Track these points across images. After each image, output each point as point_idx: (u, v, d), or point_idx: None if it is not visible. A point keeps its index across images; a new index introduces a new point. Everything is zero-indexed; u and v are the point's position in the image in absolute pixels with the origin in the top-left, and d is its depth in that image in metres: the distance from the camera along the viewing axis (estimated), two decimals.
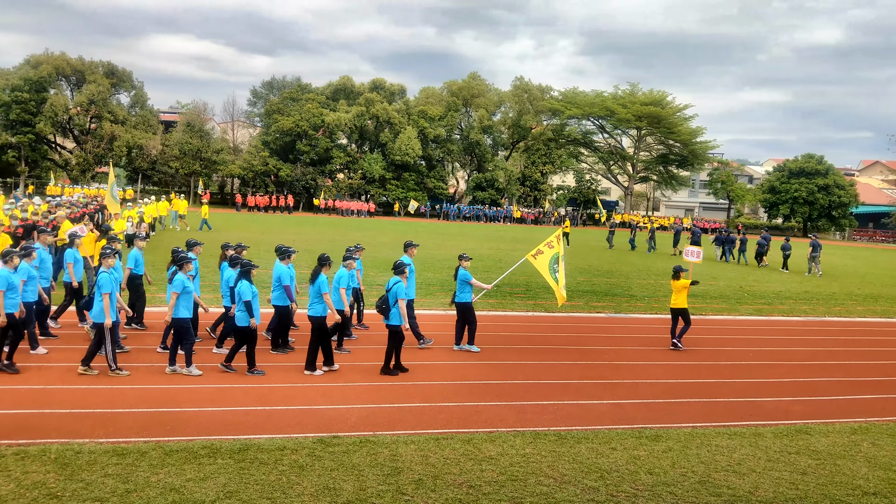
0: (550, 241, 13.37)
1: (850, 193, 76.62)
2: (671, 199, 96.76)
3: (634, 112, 71.88)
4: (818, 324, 17.60)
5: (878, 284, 27.68)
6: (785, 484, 7.15)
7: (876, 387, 11.53)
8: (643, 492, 6.74)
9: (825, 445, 8.38)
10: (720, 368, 12.20)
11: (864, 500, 6.89)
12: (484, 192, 75.04)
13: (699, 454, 7.83)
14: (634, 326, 15.82)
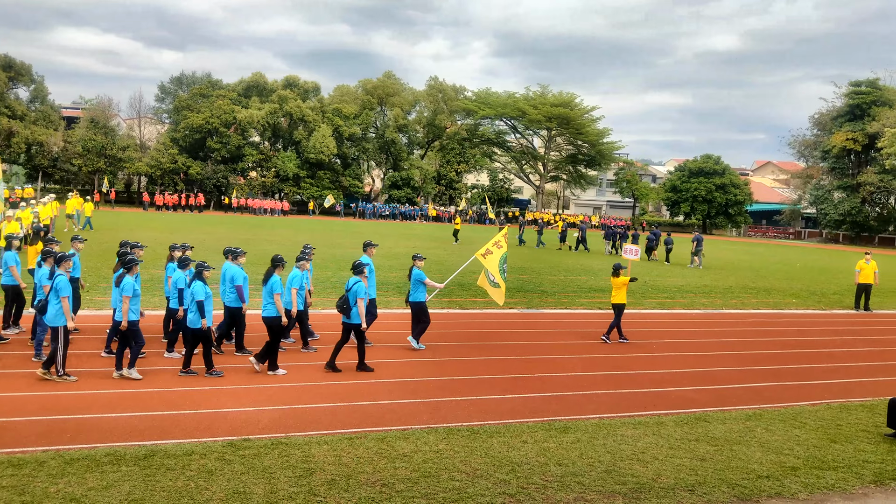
0: (498, 241, 13.65)
1: (744, 192, 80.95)
2: (580, 198, 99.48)
3: (545, 113, 73.54)
4: (716, 316, 18.51)
5: (770, 278, 29.35)
6: (685, 470, 7.48)
7: (769, 375, 12.21)
8: (552, 483, 6.92)
9: (723, 432, 8.82)
10: (626, 360, 12.65)
11: (758, 483, 7.28)
12: (400, 191, 75.02)
13: (606, 444, 8.10)
14: (546, 322, 16.19)
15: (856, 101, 75.74)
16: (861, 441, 8.77)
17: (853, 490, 7.25)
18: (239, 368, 10.56)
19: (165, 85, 76.48)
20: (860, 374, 12.71)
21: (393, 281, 20.24)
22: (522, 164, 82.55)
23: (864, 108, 74.44)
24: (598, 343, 13.99)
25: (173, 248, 11.86)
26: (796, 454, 8.15)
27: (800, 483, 7.33)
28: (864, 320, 19.53)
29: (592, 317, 17.19)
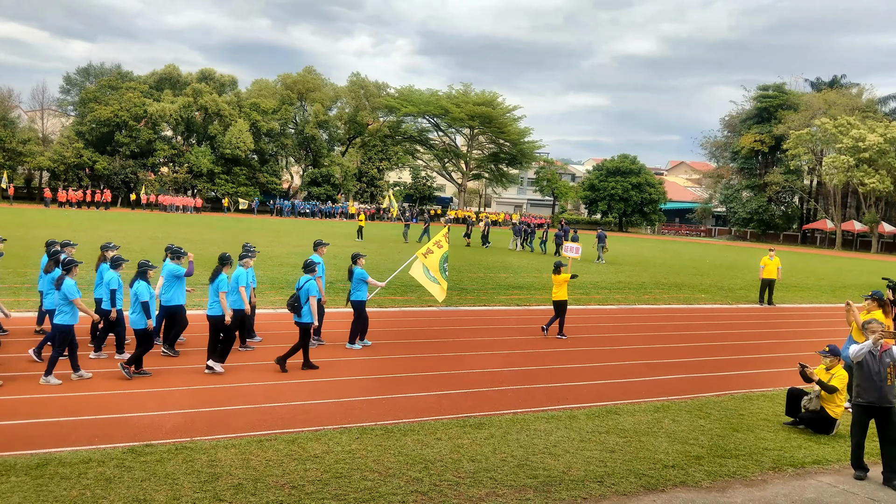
0: (439, 241, 13.77)
1: (659, 191, 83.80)
2: (502, 196, 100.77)
3: (467, 112, 74.04)
4: (630, 311, 19.03)
5: (682, 274, 30.46)
6: (595, 462, 7.60)
7: (676, 368, 12.62)
8: (465, 479, 6.91)
9: (632, 424, 9.03)
10: (541, 356, 12.81)
11: (664, 472, 7.47)
12: (320, 188, 74.05)
13: (519, 439, 8.16)
14: (465, 319, 16.24)
15: (763, 104, 79.54)
16: (761, 429, 9.16)
17: (753, 476, 7.54)
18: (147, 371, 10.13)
19: (72, 76, 73.04)
20: (763, 365, 13.31)
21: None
22: (445, 162, 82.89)
23: (771, 111, 78.26)
24: (515, 339, 14.14)
25: (106, 248, 11.49)
26: (701, 443, 8.42)
27: (703, 471, 7.56)
28: (768, 314, 20.51)
29: (510, 313, 17.38)
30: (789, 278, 29.60)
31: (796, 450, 8.44)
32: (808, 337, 16.29)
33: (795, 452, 8.35)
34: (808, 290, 27.55)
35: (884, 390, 7.61)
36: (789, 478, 7.59)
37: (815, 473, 7.77)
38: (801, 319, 19.96)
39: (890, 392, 7.63)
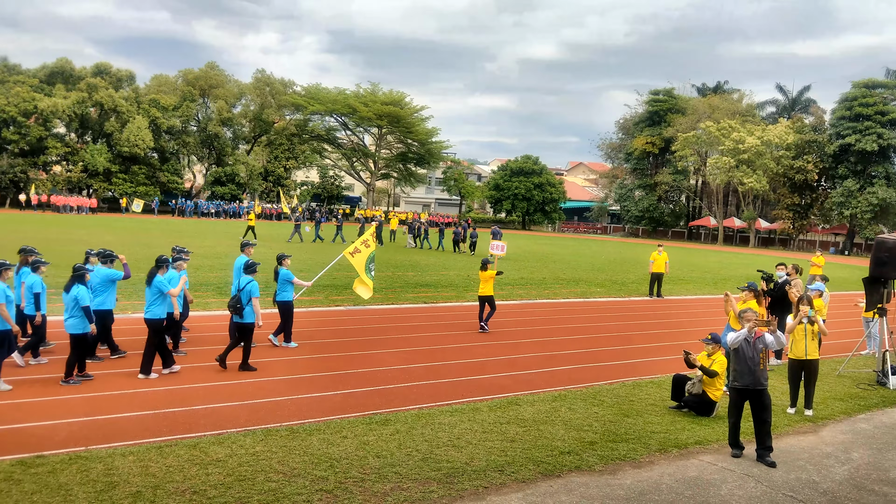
0: (366, 241, 13.97)
1: (559, 190, 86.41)
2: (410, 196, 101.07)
3: (375, 111, 73.88)
4: (531, 306, 19.66)
5: (580, 269, 31.64)
6: (496, 452, 7.92)
7: (573, 358, 13.20)
8: (370, 475, 7.07)
9: (531, 413, 9.43)
10: (445, 351, 13.11)
11: (561, 458, 7.87)
12: (224, 187, 72.07)
13: (424, 433, 8.38)
14: (372, 317, 16.34)
15: (654, 108, 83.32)
16: (649, 414, 9.76)
17: (641, 459, 8.05)
18: (35, 380, 9.71)
19: None
20: (651, 353, 14.10)
21: (213, 281, 19.49)
22: (353, 162, 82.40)
23: (662, 114, 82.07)
24: (421, 336, 14.37)
25: (26, 252, 11.11)
26: (594, 429, 8.91)
27: (597, 456, 8.02)
28: (656, 306, 21.65)
29: (418, 311, 17.61)
30: (676, 272, 31.32)
31: (680, 432, 9.06)
32: (692, 326, 17.32)
33: (679, 434, 8.96)
34: (693, 282, 29.26)
35: (757, 374, 8.29)
36: (674, 458, 8.15)
37: (697, 453, 8.37)
38: (687, 310, 21.19)
39: (762, 375, 8.32)
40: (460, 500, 6.65)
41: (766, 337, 8.45)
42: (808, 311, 10.18)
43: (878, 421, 10.27)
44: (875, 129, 63.93)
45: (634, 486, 7.25)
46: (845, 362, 13.56)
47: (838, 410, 10.61)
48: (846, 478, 7.86)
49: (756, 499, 7.11)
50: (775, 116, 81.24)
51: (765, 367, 8.35)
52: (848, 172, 66.77)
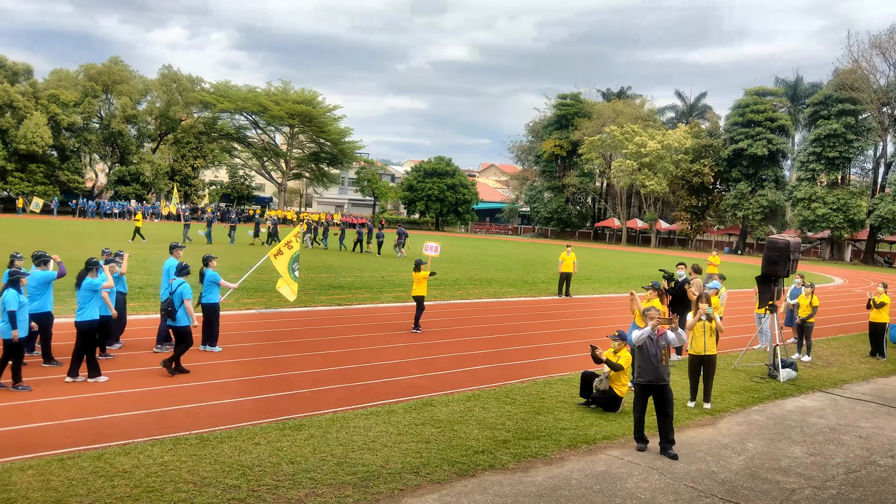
0: (290, 242, 13.82)
1: (472, 192, 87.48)
2: (323, 196, 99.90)
3: (287, 109, 72.66)
4: (445, 306, 19.84)
5: (492, 270, 32.15)
6: (412, 454, 7.97)
7: (486, 358, 13.41)
8: (284, 482, 6.98)
9: (446, 414, 9.53)
10: (360, 354, 13.05)
11: (475, 458, 7.99)
12: (128, 187, 69.09)
13: (338, 437, 8.33)
14: (284, 321, 16.08)
15: (562, 112, 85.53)
16: (560, 411, 10.05)
17: (552, 455, 8.29)
18: None
19: None
20: (561, 351, 14.50)
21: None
22: (264, 161, 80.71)
23: (569, 118, 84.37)
24: (335, 339, 14.26)
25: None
26: (507, 428, 9.10)
27: (510, 454, 8.19)
28: (565, 304, 22.29)
29: (331, 314, 17.45)
30: (584, 272, 32.30)
31: (589, 427, 9.38)
32: (599, 324, 17.90)
33: (588, 430, 9.27)
34: (600, 281, 30.27)
35: (659, 370, 8.67)
36: (583, 454, 8.43)
37: (605, 448, 8.69)
38: (594, 308, 21.91)
39: (664, 371, 8.71)
40: (376, 503, 6.67)
41: (668, 334, 8.85)
42: (706, 309, 10.73)
43: (771, 412, 10.95)
44: (765, 134, 67.90)
45: (546, 482, 7.46)
46: (740, 357, 14.36)
47: (734, 403, 11.24)
48: (742, 467, 8.35)
49: (660, 491, 7.44)
50: (674, 121, 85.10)
51: (667, 363, 8.75)
52: (741, 176, 70.63)
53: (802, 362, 14.69)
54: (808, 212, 63.67)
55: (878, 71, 64.51)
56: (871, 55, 63.83)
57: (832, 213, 62.53)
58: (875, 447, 9.43)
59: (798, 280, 15.99)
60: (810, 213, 63.53)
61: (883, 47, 63.09)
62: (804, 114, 69.48)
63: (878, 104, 63.46)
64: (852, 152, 64.06)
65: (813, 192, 64.02)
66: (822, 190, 64.21)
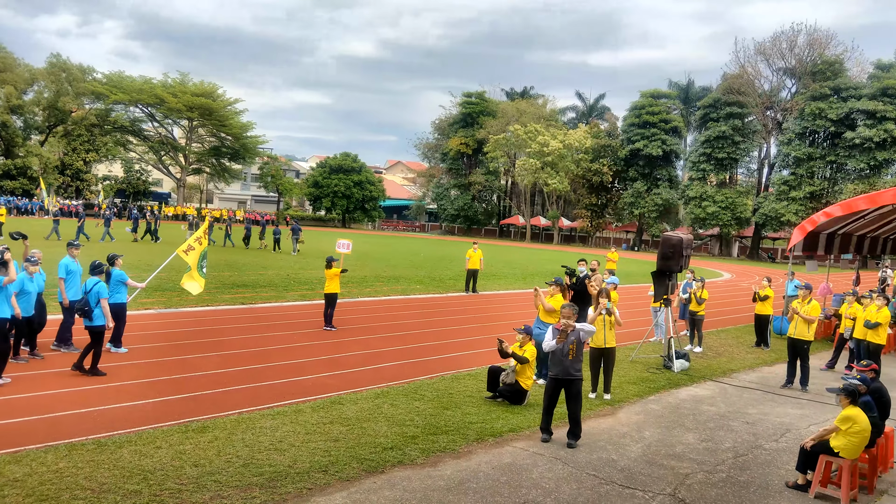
0: (199, 238, 13.58)
1: (379, 189, 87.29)
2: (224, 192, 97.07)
3: (185, 102, 70.12)
4: (353, 304, 19.71)
5: (399, 267, 32.23)
6: (320, 453, 7.91)
7: (395, 355, 13.45)
8: (188, 485, 6.79)
9: (354, 412, 9.51)
10: (266, 353, 12.81)
11: (384, 454, 8.02)
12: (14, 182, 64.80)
13: (244, 438, 8.17)
14: (186, 321, 15.57)
15: (468, 110, 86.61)
16: (467, 406, 10.22)
17: (460, 449, 8.43)
18: None
19: None
20: (468, 347, 14.74)
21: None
22: (162, 155, 77.54)
23: (475, 116, 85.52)
24: (238, 338, 13.94)
25: None
26: (416, 424, 9.18)
27: (419, 449, 8.27)
28: (472, 300, 22.64)
29: (235, 312, 17.03)
30: (490, 268, 32.84)
31: (496, 421, 9.60)
32: (505, 319, 18.25)
33: (495, 423, 9.48)
34: (505, 278, 30.92)
35: (566, 365, 8.94)
36: (490, 446, 8.62)
37: (511, 440, 8.91)
38: (500, 304, 22.35)
39: (572, 366, 8.97)
40: (284, 503, 6.60)
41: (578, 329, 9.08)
42: (606, 304, 11.17)
43: (666, 401, 11.53)
44: (660, 135, 71.12)
45: (454, 475, 7.59)
46: (637, 349, 15.03)
47: (632, 393, 11.77)
48: (640, 455, 8.76)
49: (563, 480, 7.72)
50: (575, 122, 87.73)
51: (575, 358, 8.98)
52: (637, 175, 73.72)
53: (695, 353, 15.52)
54: (699, 210, 67.19)
55: (763, 76, 69.04)
56: (756, 61, 68.18)
57: (721, 211, 66.25)
58: (760, 432, 10.10)
59: (689, 275, 16.86)
60: (701, 211, 67.07)
61: (767, 54, 67.46)
62: (695, 116, 73.26)
63: (763, 108, 67.78)
64: (739, 153, 68.06)
65: (703, 191, 67.61)
66: (711, 189, 67.92)
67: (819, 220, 17.13)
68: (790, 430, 10.22)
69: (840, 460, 7.72)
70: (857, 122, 60.76)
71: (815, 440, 7.99)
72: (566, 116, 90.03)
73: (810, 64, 64.92)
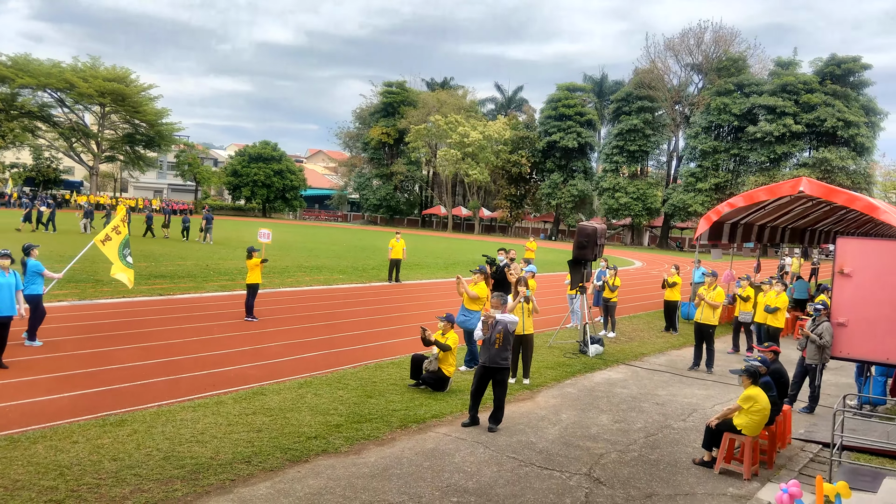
0: (117, 227, 13.10)
1: (300, 178, 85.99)
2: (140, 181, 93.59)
3: (97, 87, 67.11)
4: (275, 294, 19.48)
5: (322, 257, 31.98)
6: (243, 443, 7.89)
7: (318, 345, 13.45)
8: (106, 480, 6.68)
9: (277, 402, 9.50)
10: (185, 345, 12.59)
11: (308, 443, 8.07)
12: None
13: (164, 431, 8.06)
14: (102, 312, 15.07)
15: (388, 100, 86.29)
16: (391, 393, 10.37)
17: (384, 436, 8.56)
18: None
19: None
20: (392, 335, 14.87)
21: None
22: (73, 142, 73.79)
23: (396, 106, 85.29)
24: (156, 330, 13.61)
25: None
26: (340, 413, 9.26)
27: (343, 437, 8.36)
28: (395, 290, 22.76)
29: (153, 304, 16.59)
30: (413, 258, 33.00)
31: (419, 408, 9.78)
32: (429, 308, 18.47)
33: (418, 410, 9.67)
34: (428, 267, 31.18)
35: (492, 353, 9.19)
36: (413, 433, 8.80)
37: (434, 426, 9.11)
38: (423, 293, 22.56)
39: (499, 355, 9.20)
40: (206, 495, 6.58)
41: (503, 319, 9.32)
42: (525, 292, 11.51)
43: (581, 385, 12.00)
44: (575, 128, 72.83)
45: (378, 462, 7.73)
46: (554, 335, 15.52)
47: (550, 378, 12.19)
48: (557, 437, 9.13)
49: (485, 463, 7.97)
50: (494, 113, 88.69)
51: (502, 347, 9.22)
52: (554, 167, 75.38)
53: (608, 338, 16.16)
54: (613, 200, 69.38)
55: (672, 71, 71.71)
56: (665, 56, 70.76)
57: (633, 202, 68.61)
58: (670, 412, 10.67)
59: (603, 263, 17.50)
60: (614, 202, 69.28)
61: (676, 50, 70.10)
62: (609, 109, 75.30)
63: (672, 102, 70.46)
64: (650, 146, 70.60)
65: (616, 182, 69.83)
66: (624, 181, 70.22)
67: (723, 210, 18.05)
68: (697, 410, 10.84)
69: (742, 437, 8.26)
70: (758, 117, 64.08)
71: (719, 419, 8.51)
72: (486, 108, 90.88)
73: (716, 60, 67.87)
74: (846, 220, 24.01)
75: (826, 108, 60.06)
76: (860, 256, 9.16)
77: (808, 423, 10.63)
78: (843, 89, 61.63)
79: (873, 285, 8.97)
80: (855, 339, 9.15)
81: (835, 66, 62.43)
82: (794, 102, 61.33)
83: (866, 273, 9.05)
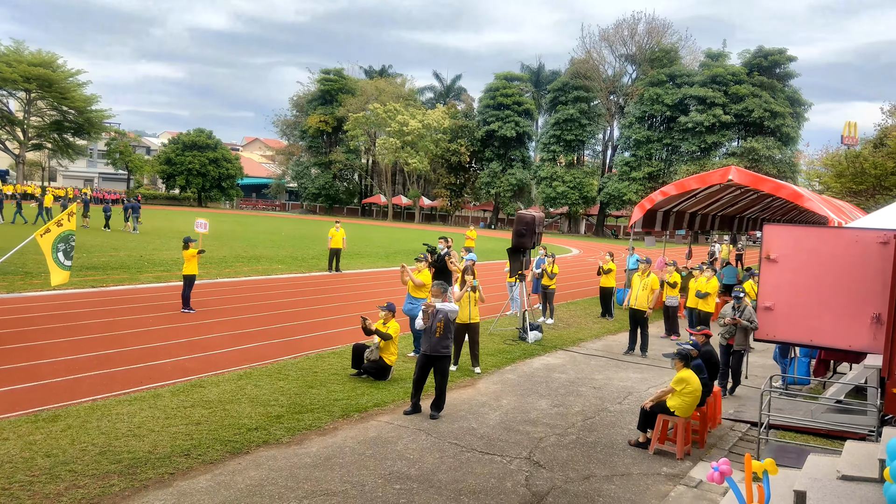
0: (60, 220, 12.50)
1: (236, 167, 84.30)
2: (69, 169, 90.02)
3: (21, 72, 64.30)
4: (213, 285, 19.14)
5: (260, 247, 31.51)
6: (181, 437, 7.79)
7: (258, 336, 13.30)
8: (40, 476, 6.51)
9: (216, 394, 9.39)
10: (120, 338, 12.26)
11: (248, 435, 8.02)
12: None
13: (100, 426, 7.89)
14: (31, 305, 14.53)
15: (326, 87, 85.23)
16: (332, 383, 10.36)
17: (326, 426, 8.57)
18: None
19: None
20: (333, 325, 14.82)
21: None
22: None
23: (333, 94, 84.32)
24: (89, 323, 13.21)
25: None
26: (281, 403, 9.22)
27: (284, 428, 8.34)
28: (336, 279, 22.65)
29: (84, 296, 16.07)
30: (353, 247, 32.86)
31: (360, 397, 9.81)
32: (370, 297, 18.44)
33: (360, 399, 9.70)
34: (368, 256, 31.10)
35: (433, 342, 9.28)
36: (355, 422, 8.83)
37: (376, 415, 9.17)
38: (364, 283, 22.50)
39: (440, 344, 9.29)
40: (144, 490, 6.49)
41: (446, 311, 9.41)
42: (473, 281, 11.64)
43: (521, 371, 12.23)
44: (513, 117, 73.48)
45: (320, 452, 7.74)
46: (495, 322, 15.75)
47: (490, 364, 12.38)
48: (498, 422, 9.30)
49: (427, 450, 8.08)
50: (433, 102, 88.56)
51: (442, 336, 9.29)
52: (493, 156, 75.92)
53: (547, 325, 16.49)
54: (550, 189, 70.38)
55: (607, 62, 72.99)
56: (600, 47, 71.99)
57: (570, 190, 69.75)
58: (606, 396, 10.99)
59: (542, 251, 17.81)
60: (552, 191, 70.28)
61: (610, 40, 71.39)
62: (546, 99, 76.15)
63: (607, 92, 71.80)
64: (586, 135, 71.79)
65: (554, 171, 70.86)
66: (561, 170, 71.28)
67: (656, 198, 18.60)
68: (632, 393, 11.20)
69: (675, 419, 8.59)
70: (689, 108, 65.92)
71: (653, 401, 8.83)
72: (424, 96, 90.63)
73: (649, 51, 69.44)
74: (773, 207, 25.04)
75: (753, 99, 62.27)
76: (786, 243, 9.58)
77: (737, 404, 11.11)
78: (770, 80, 64.01)
79: (798, 270, 9.40)
80: (780, 322, 9.57)
81: (762, 57, 64.75)
82: (723, 93, 63.35)
83: (792, 259, 9.47)
